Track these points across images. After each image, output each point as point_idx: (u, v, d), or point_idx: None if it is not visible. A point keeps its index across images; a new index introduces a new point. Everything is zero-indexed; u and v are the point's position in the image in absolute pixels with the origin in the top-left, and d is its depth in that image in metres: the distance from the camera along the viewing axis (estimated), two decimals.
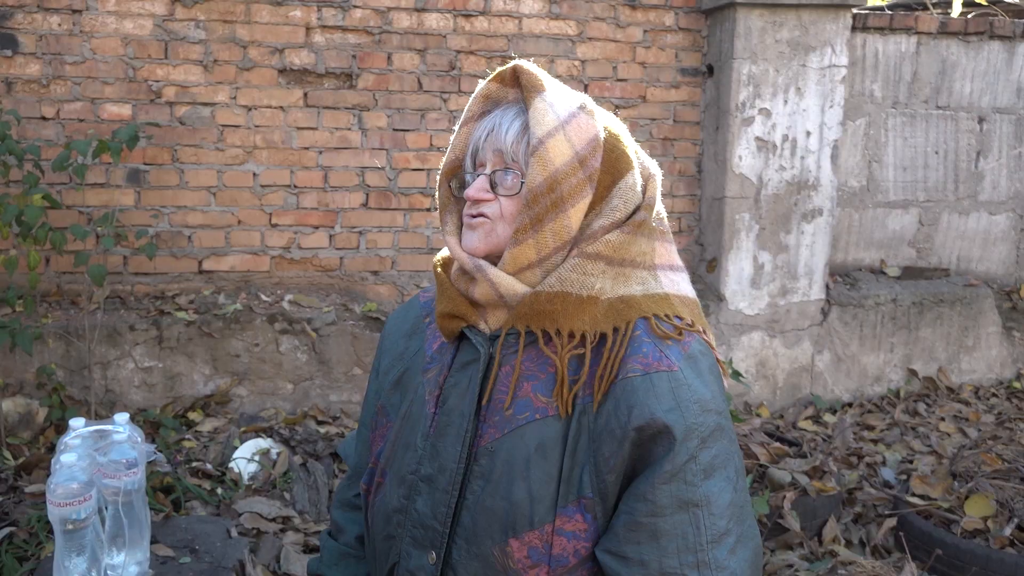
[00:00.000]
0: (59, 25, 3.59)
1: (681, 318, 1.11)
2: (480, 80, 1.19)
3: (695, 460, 1.02)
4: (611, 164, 1.11)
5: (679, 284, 1.16)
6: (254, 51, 3.78)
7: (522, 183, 1.09)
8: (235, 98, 3.79)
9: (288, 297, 3.87)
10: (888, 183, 4.69)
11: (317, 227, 3.96)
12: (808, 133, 4.21)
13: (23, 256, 3.38)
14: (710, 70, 4.27)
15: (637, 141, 1.21)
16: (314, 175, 3.92)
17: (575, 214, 1.08)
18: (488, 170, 1.13)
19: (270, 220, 3.90)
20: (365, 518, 1.25)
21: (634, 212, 1.12)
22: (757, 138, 4.15)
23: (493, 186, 1.12)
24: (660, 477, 1.02)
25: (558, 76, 4.08)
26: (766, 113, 4.14)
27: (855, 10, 4.33)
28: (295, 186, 3.91)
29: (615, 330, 1.07)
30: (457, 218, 1.20)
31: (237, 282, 3.90)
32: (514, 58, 1.16)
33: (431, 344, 1.22)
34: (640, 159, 1.16)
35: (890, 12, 4.78)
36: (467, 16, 3.96)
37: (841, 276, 4.64)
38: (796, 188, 4.24)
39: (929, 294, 4.58)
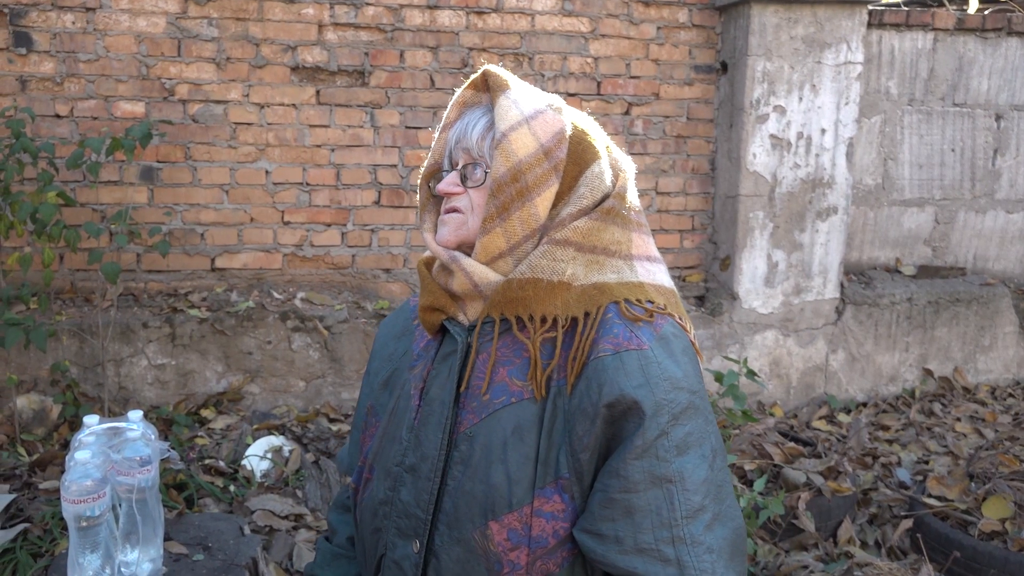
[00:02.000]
0: (73, 23, 3.60)
1: (653, 302, 1.13)
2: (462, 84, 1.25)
3: (667, 436, 1.03)
4: (578, 155, 1.15)
5: (655, 274, 1.19)
6: (267, 49, 3.78)
7: (487, 173, 1.15)
8: (248, 96, 3.79)
9: (300, 295, 3.87)
10: (904, 181, 4.65)
11: (329, 225, 3.96)
12: (823, 130, 4.18)
13: (37, 253, 3.40)
14: (724, 67, 4.24)
15: (650, 139, 1.24)
16: (326, 173, 3.92)
17: (542, 203, 1.12)
18: (460, 167, 1.19)
19: (282, 218, 3.91)
20: (354, 515, 1.28)
21: (603, 200, 1.15)
22: (771, 135, 4.12)
23: (463, 180, 1.18)
24: (632, 453, 1.03)
25: (571, 73, 4.06)
26: (781, 110, 4.11)
27: (871, 6, 4.29)
28: (307, 184, 3.90)
29: (586, 314, 1.10)
30: (435, 216, 1.26)
31: (249, 280, 3.91)
32: (526, 55, 1.18)
33: (418, 343, 1.27)
34: (611, 153, 1.21)
35: (906, 8, 4.73)
36: (480, 13, 3.95)
37: (856, 275, 4.61)
38: (811, 186, 4.21)
39: (945, 293, 4.54)
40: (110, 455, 1.57)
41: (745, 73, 4.05)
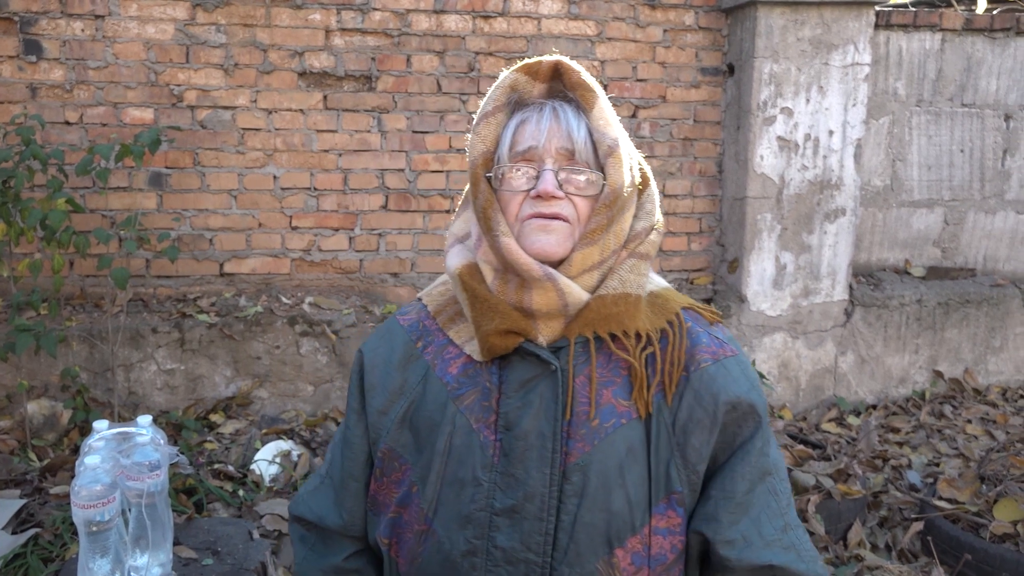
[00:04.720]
0: (82, 31, 3.62)
1: (694, 305, 1.19)
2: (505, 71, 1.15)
3: (765, 431, 1.11)
4: (642, 172, 1.17)
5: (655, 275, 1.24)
6: (274, 55, 3.79)
7: (604, 184, 1.08)
8: (256, 101, 3.81)
9: (308, 299, 3.88)
10: (912, 182, 4.63)
11: (337, 229, 3.97)
12: (831, 132, 4.16)
13: (47, 260, 3.42)
14: (731, 69, 4.24)
15: (657, 142, 1.26)
16: (334, 177, 3.93)
17: (629, 218, 1.12)
18: (552, 166, 1.08)
19: (290, 223, 3.92)
20: (394, 572, 1.14)
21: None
22: (779, 137, 4.11)
23: (560, 185, 1.08)
24: (754, 454, 1.09)
25: None
26: (788, 112, 4.10)
27: (878, 7, 4.28)
28: (315, 189, 3.92)
29: (669, 323, 1.11)
30: (503, 216, 1.10)
31: (258, 284, 3.92)
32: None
33: (444, 368, 1.13)
34: None
35: (914, 9, 4.72)
36: (486, 17, 3.96)
37: (865, 276, 4.59)
38: (819, 188, 4.20)
39: (955, 294, 4.52)
40: (120, 460, 1.58)
41: (752, 75, 4.05)
